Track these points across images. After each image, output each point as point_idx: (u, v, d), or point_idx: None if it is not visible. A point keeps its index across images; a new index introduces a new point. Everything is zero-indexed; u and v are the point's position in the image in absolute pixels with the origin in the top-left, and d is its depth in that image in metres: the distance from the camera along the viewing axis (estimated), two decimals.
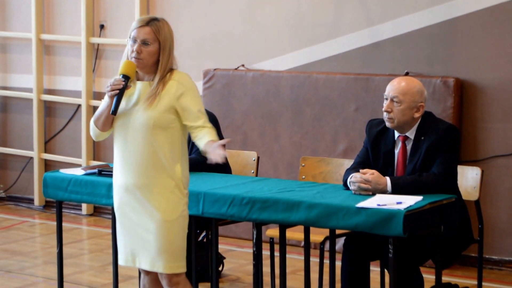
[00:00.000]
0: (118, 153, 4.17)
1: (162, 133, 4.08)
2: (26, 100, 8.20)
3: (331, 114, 6.66)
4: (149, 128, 4.06)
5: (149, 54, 4.07)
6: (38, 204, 8.21)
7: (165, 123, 4.08)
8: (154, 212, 4.08)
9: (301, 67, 6.89)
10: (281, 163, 6.87)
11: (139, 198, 4.10)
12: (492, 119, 6.16)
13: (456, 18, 6.25)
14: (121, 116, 4.13)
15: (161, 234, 4.07)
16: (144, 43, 4.06)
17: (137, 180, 4.10)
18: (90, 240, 7.23)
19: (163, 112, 4.07)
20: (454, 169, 4.59)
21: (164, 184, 4.09)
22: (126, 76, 4.10)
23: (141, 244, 4.12)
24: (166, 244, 4.08)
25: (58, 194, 4.99)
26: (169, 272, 4.11)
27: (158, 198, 4.08)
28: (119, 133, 4.16)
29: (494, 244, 6.17)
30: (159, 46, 4.07)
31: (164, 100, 4.07)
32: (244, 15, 7.14)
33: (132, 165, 4.10)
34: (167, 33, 4.10)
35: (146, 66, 4.10)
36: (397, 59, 6.46)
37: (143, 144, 4.08)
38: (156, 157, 4.07)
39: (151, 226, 4.08)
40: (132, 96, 4.13)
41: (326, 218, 4.28)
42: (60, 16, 8.01)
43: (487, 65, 6.17)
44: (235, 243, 6.88)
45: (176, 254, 4.11)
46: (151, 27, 4.07)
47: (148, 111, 4.06)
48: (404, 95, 4.58)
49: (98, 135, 4.24)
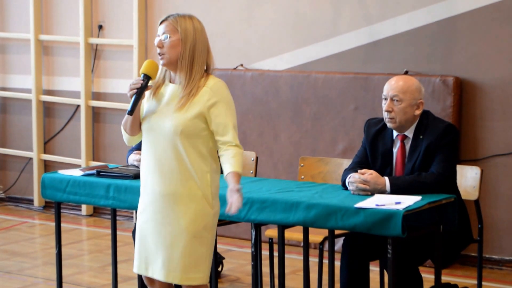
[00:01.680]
0: (145, 157, 3.97)
1: (191, 141, 3.86)
2: (25, 100, 8.20)
3: (330, 114, 6.65)
4: (176, 135, 3.85)
5: (170, 46, 3.86)
6: (37, 204, 8.20)
7: (194, 131, 3.86)
8: (176, 221, 3.88)
9: (300, 67, 6.88)
10: (280, 163, 6.86)
11: (163, 205, 3.91)
12: (492, 118, 6.15)
13: (455, 17, 6.24)
14: (149, 119, 3.94)
15: (182, 244, 3.87)
16: (164, 36, 3.88)
17: (162, 187, 3.90)
18: (90, 241, 7.22)
19: (193, 119, 3.85)
20: (453, 168, 4.58)
21: (190, 194, 3.88)
22: (147, 75, 3.91)
23: (157, 253, 3.93)
24: (185, 255, 3.87)
25: (56, 195, 4.98)
26: (184, 283, 3.92)
27: (182, 207, 3.88)
28: (147, 137, 3.96)
29: (494, 243, 6.16)
30: (181, 38, 3.87)
31: (195, 107, 3.85)
32: (243, 14, 7.13)
33: (158, 171, 3.90)
34: (189, 26, 3.89)
35: (171, 62, 3.87)
36: (396, 58, 6.45)
37: (170, 150, 3.87)
38: (183, 165, 3.86)
39: (172, 236, 3.89)
40: (163, 99, 3.93)
41: (325, 218, 4.27)
42: (58, 16, 8.01)
43: (487, 64, 6.16)
44: (235, 243, 6.88)
45: (194, 265, 3.89)
46: (169, 20, 3.91)
47: (177, 117, 3.86)
48: (404, 93, 4.57)
49: (128, 140, 4.05)
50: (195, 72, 3.87)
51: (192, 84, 3.85)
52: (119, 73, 7.73)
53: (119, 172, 4.88)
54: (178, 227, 3.88)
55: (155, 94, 3.95)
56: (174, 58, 3.88)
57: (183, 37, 3.87)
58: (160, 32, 3.92)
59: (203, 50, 3.90)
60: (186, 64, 3.86)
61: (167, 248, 3.89)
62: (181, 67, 3.87)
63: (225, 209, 3.85)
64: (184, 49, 3.86)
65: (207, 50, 3.92)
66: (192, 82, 3.86)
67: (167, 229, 3.90)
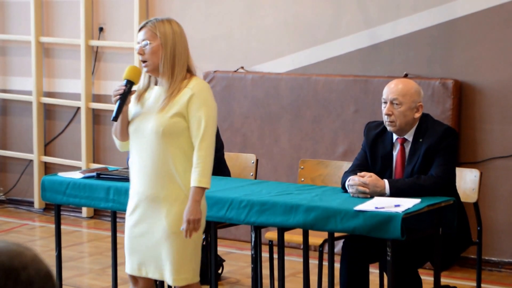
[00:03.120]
0: (132, 160, 4.04)
1: (173, 141, 3.92)
2: (26, 103, 8.21)
3: (330, 116, 6.66)
4: (158, 135, 3.91)
5: (150, 53, 3.93)
6: (38, 207, 8.21)
7: (176, 130, 3.92)
8: (163, 222, 3.95)
9: (300, 69, 6.89)
10: (280, 165, 6.87)
11: (150, 207, 3.97)
12: (491, 121, 6.15)
13: (455, 20, 6.25)
14: (135, 122, 4.01)
15: (169, 245, 3.95)
16: (144, 43, 3.94)
17: (147, 189, 3.97)
18: (90, 243, 7.23)
19: (173, 118, 3.91)
20: (452, 171, 4.58)
21: (174, 194, 3.94)
22: (130, 81, 3.99)
23: (149, 254, 4.01)
24: (171, 255, 3.95)
25: (56, 198, 4.99)
26: (176, 284, 3.99)
27: (167, 208, 3.94)
28: (133, 139, 4.03)
29: (493, 245, 6.16)
30: (161, 43, 3.92)
31: (175, 107, 3.92)
32: (244, 17, 7.14)
33: (143, 173, 3.97)
34: (168, 30, 3.94)
35: (155, 69, 3.95)
36: (396, 61, 6.46)
37: (154, 152, 3.93)
38: (167, 166, 3.92)
39: (160, 236, 3.96)
40: (148, 102, 4.00)
41: (324, 221, 4.28)
42: (59, 19, 8.02)
43: (486, 67, 6.17)
44: (235, 245, 6.88)
45: (182, 266, 3.96)
46: (148, 27, 3.96)
47: (159, 118, 3.93)
48: (404, 96, 4.58)
49: (121, 145, 4.12)
50: (177, 74, 3.93)
51: (174, 86, 3.93)
52: (120, 75, 7.67)
53: (119, 175, 4.89)
54: (164, 228, 3.95)
55: (141, 98, 4.03)
56: (157, 64, 3.95)
57: (163, 42, 3.94)
58: (139, 38, 3.99)
59: (183, 52, 3.97)
60: (168, 68, 3.93)
61: (156, 249, 3.98)
62: (163, 71, 3.94)
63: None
64: (165, 54, 3.93)
65: (187, 51, 3.99)
66: (174, 84, 3.93)
67: (154, 230, 3.98)
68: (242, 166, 5.59)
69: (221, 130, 5.82)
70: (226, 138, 6.58)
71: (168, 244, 3.95)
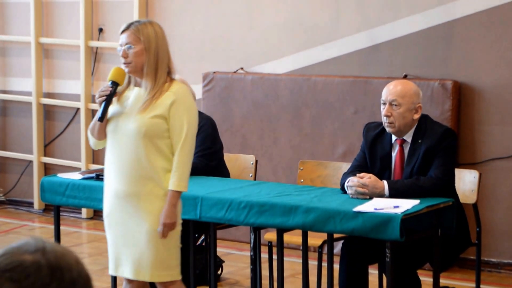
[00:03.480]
0: (109, 159, 4.12)
1: (154, 141, 4.01)
2: (25, 103, 8.21)
3: (330, 117, 6.66)
4: (140, 136, 4.00)
5: (135, 56, 3.99)
6: (37, 207, 8.21)
7: (157, 131, 4.01)
8: (142, 220, 4.04)
9: (299, 70, 6.89)
10: (280, 166, 6.87)
11: (128, 206, 4.06)
12: (490, 121, 6.16)
13: (454, 21, 6.26)
14: (114, 121, 4.09)
15: (148, 243, 4.03)
16: (128, 47, 4.01)
17: (126, 188, 4.05)
18: (90, 244, 7.23)
19: (155, 120, 4.00)
20: (451, 172, 4.59)
21: (152, 193, 4.03)
22: (115, 82, 4.06)
23: (126, 253, 4.09)
24: (153, 253, 4.03)
25: (55, 199, 4.99)
26: (156, 280, 4.08)
27: (146, 206, 4.03)
28: (111, 138, 4.11)
29: (493, 246, 6.17)
30: (144, 47, 4.00)
31: (158, 109, 4.00)
32: (243, 18, 7.14)
33: (121, 172, 4.05)
34: (151, 33, 4.00)
35: (137, 70, 4.03)
36: (395, 62, 6.47)
37: (133, 151, 4.02)
38: (145, 166, 4.01)
39: (139, 234, 4.05)
40: (127, 102, 4.08)
41: (323, 222, 4.29)
42: (59, 19, 8.02)
43: (485, 68, 6.17)
44: (235, 246, 6.88)
45: (163, 262, 4.06)
46: (131, 30, 4.01)
47: (140, 119, 4.01)
48: (403, 97, 4.58)
49: (95, 144, 4.21)
50: (159, 77, 4.01)
51: (156, 88, 4.00)
52: None
53: None
54: (143, 226, 4.03)
55: (120, 98, 4.10)
56: (140, 66, 4.01)
57: (146, 46, 4.00)
58: (122, 41, 4.04)
59: (165, 55, 4.04)
60: (151, 71, 4.00)
61: (135, 247, 4.05)
62: (147, 73, 4.00)
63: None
64: (149, 57, 4.00)
65: (168, 54, 4.06)
66: (156, 86, 4.00)
67: (133, 229, 4.05)
68: (241, 167, 5.60)
69: (221, 131, 5.81)
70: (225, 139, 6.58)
71: (151, 241, 4.03)
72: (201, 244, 5.81)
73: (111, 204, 4.13)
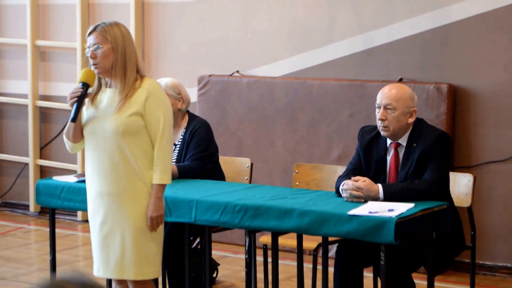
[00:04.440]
0: (89, 161, 4.17)
1: (133, 139, 4.08)
2: (22, 106, 8.21)
3: (325, 120, 6.67)
4: (118, 135, 4.07)
5: (102, 56, 4.06)
6: (33, 210, 8.21)
7: (135, 129, 4.08)
8: (125, 219, 4.10)
9: (295, 73, 6.90)
10: (275, 169, 6.88)
11: (112, 205, 4.11)
12: (485, 125, 6.17)
13: (450, 24, 6.27)
14: (91, 123, 4.15)
15: (132, 241, 4.09)
16: (95, 47, 4.07)
17: (108, 188, 4.11)
18: (85, 247, 7.23)
19: (132, 118, 4.06)
20: (446, 175, 4.60)
21: (135, 191, 4.10)
22: (85, 83, 4.13)
23: (109, 253, 4.14)
24: (136, 251, 4.10)
25: (51, 202, 5.00)
26: (139, 278, 4.13)
27: (130, 205, 4.09)
28: (89, 140, 4.16)
29: (487, 250, 6.18)
30: (112, 47, 4.06)
31: (133, 107, 4.07)
32: (239, 21, 7.15)
33: (103, 173, 4.11)
34: (117, 33, 4.07)
35: (106, 71, 4.09)
36: (390, 65, 6.48)
37: (114, 151, 4.08)
38: (127, 164, 4.08)
39: (122, 234, 4.10)
40: (101, 104, 4.14)
41: (318, 225, 4.29)
42: (55, 22, 8.03)
43: (480, 71, 6.19)
44: (230, 249, 6.89)
45: (147, 260, 4.12)
46: (98, 31, 4.09)
47: (117, 118, 4.07)
48: (398, 101, 4.59)
49: (71, 147, 4.27)
50: (129, 76, 4.08)
51: (127, 87, 4.07)
52: None
53: None
54: (127, 224, 4.09)
55: (94, 100, 4.17)
56: (108, 67, 4.08)
57: (114, 46, 4.08)
58: (90, 43, 4.12)
59: (132, 54, 4.11)
60: (120, 70, 4.07)
61: (119, 247, 4.10)
62: (116, 73, 4.08)
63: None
64: (116, 57, 4.07)
65: (135, 53, 4.13)
66: (127, 85, 4.07)
67: (117, 228, 4.11)
68: (237, 170, 5.61)
69: (216, 134, 5.82)
70: (221, 142, 6.59)
71: (135, 239, 4.09)
72: (196, 247, 5.81)
73: (95, 205, 4.19)
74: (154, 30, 7.54)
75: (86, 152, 4.20)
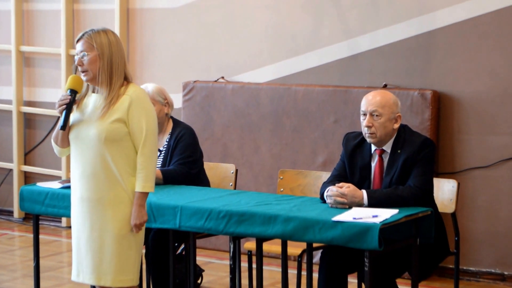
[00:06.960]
0: (73, 165, 4.18)
1: (115, 145, 4.08)
2: (6, 112, 8.18)
3: (310, 126, 6.68)
4: (101, 141, 4.07)
5: (89, 63, 4.07)
6: (17, 216, 8.18)
7: (118, 136, 4.08)
8: (106, 226, 4.10)
9: (280, 79, 6.91)
10: (261, 175, 6.88)
11: (92, 211, 4.11)
12: (469, 131, 6.19)
13: (434, 31, 6.29)
14: (75, 129, 4.16)
15: (112, 248, 4.09)
16: (82, 54, 4.09)
17: (90, 194, 4.11)
18: (69, 253, 7.19)
19: (114, 124, 4.07)
20: (430, 181, 4.61)
21: (116, 197, 4.09)
22: (73, 90, 4.14)
23: (88, 258, 4.14)
24: (115, 258, 4.09)
25: (35, 208, 4.98)
26: (116, 285, 4.12)
27: (110, 212, 4.09)
28: (74, 145, 4.17)
29: (471, 255, 6.20)
30: (98, 54, 4.08)
31: (116, 114, 4.07)
32: (224, 27, 7.15)
33: (85, 178, 4.12)
34: (104, 40, 4.08)
35: (93, 77, 4.10)
36: (375, 72, 6.50)
37: (97, 157, 4.09)
38: (110, 171, 4.08)
39: (102, 240, 4.10)
40: (87, 109, 4.15)
41: (303, 231, 4.29)
42: (39, 28, 8.01)
43: (464, 78, 6.21)
44: (215, 255, 6.88)
45: (125, 267, 4.12)
46: (84, 38, 4.11)
47: (100, 124, 4.08)
48: (383, 107, 4.61)
49: (60, 152, 4.27)
50: (114, 82, 4.09)
51: (112, 93, 4.08)
52: None
53: None
54: (107, 231, 4.10)
55: (80, 105, 4.18)
56: (95, 73, 4.10)
57: (100, 53, 4.09)
58: (77, 50, 4.13)
59: (120, 61, 4.12)
60: (105, 77, 4.08)
61: (97, 253, 4.11)
62: (101, 80, 4.09)
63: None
64: (102, 63, 4.08)
65: (123, 60, 4.14)
66: (112, 92, 4.08)
67: (97, 234, 4.11)
68: (221, 176, 5.61)
69: (201, 140, 5.82)
70: (206, 148, 6.59)
71: (114, 246, 4.09)
72: (181, 253, 5.80)
73: (76, 210, 4.19)
74: (139, 36, 7.53)
75: (71, 156, 4.20)
